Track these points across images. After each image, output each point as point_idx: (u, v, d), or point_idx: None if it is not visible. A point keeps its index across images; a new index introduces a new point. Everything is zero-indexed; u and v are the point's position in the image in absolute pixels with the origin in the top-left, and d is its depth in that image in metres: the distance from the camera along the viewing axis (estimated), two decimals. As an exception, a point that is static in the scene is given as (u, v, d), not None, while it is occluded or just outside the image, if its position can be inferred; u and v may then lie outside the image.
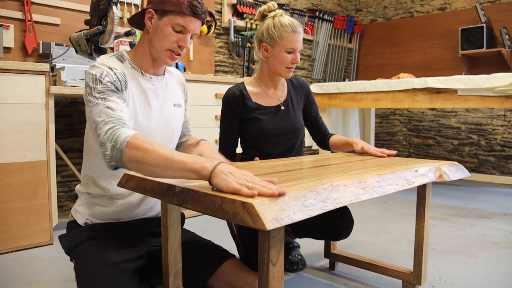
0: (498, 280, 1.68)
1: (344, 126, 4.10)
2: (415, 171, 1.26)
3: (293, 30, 1.61)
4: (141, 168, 1.00)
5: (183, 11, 1.21)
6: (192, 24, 1.25)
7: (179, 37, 1.25)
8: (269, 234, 0.84)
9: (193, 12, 1.23)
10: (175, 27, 1.23)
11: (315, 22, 4.53)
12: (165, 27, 1.23)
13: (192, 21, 1.24)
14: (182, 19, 1.22)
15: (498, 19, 3.96)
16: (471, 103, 2.66)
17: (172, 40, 1.24)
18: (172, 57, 1.28)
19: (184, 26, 1.23)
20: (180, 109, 1.43)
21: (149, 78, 1.32)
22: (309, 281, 1.68)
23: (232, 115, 1.71)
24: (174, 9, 1.21)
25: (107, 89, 1.16)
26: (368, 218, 2.68)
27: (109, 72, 1.20)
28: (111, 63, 1.24)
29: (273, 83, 1.76)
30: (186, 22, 1.23)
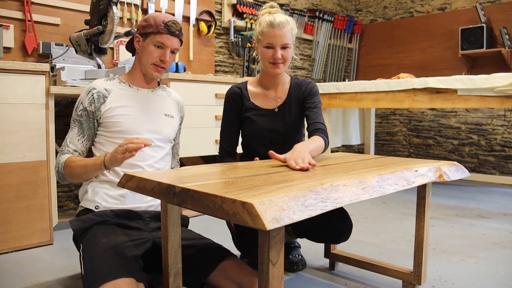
0: (498, 280, 1.69)
1: (344, 126, 4.10)
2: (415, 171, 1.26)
3: (271, 25, 1.57)
4: (75, 178, 1.46)
5: (160, 31, 1.50)
6: (169, 41, 1.52)
7: (160, 52, 1.52)
8: (269, 234, 0.84)
9: (168, 31, 1.51)
10: (156, 44, 1.51)
11: (315, 22, 4.53)
12: (148, 46, 1.52)
13: (168, 38, 1.51)
14: (160, 37, 1.50)
15: (498, 19, 3.96)
16: (471, 103, 2.66)
17: (155, 56, 1.52)
18: (156, 70, 1.55)
19: (162, 42, 1.51)
20: (173, 120, 1.65)
21: (136, 90, 1.59)
22: (309, 281, 1.68)
23: (232, 112, 1.72)
24: (153, 30, 1.50)
25: (76, 119, 1.51)
26: (368, 218, 2.68)
27: (85, 99, 1.50)
28: (96, 84, 1.53)
29: (272, 84, 1.73)
30: (164, 39, 1.50)
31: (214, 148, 2.84)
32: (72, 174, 1.42)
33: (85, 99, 1.49)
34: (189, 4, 3.33)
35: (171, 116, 1.64)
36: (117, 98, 1.52)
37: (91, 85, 1.52)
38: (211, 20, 3.53)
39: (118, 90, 1.55)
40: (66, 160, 1.44)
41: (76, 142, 1.50)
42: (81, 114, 1.49)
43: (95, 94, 1.49)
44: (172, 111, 1.66)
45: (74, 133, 1.50)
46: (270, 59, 1.61)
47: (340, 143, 4.05)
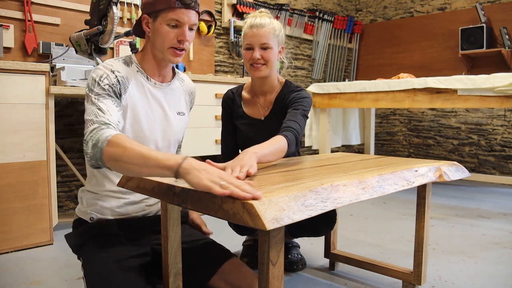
0: (498, 280, 1.69)
1: (344, 126, 4.10)
2: (415, 171, 1.26)
3: (250, 26, 1.54)
4: (119, 166, 1.01)
5: (172, 5, 1.22)
6: (185, 16, 1.24)
7: (177, 32, 1.25)
8: (269, 234, 0.84)
9: (182, 3, 1.23)
10: (170, 23, 1.24)
11: (315, 22, 4.53)
12: (160, 26, 1.25)
13: (184, 12, 1.24)
14: (173, 13, 1.23)
15: (498, 19, 3.95)
16: (471, 103, 2.66)
17: (171, 37, 1.25)
18: (175, 54, 1.29)
19: (177, 19, 1.24)
20: (184, 117, 1.45)
21: (154, 84, 1.34)
22: (309, 281, 1.68)
23: (227, 116, 1.73)
24: (163, 7, 1.23)
25: (103, 92, 1.19)
26: (368, 218, 2.68)
27: (109, 75, 1.22)
28: (115, 65, 1.27)
29: (261, 90, 1.66)
30: (178, 14, 1.23)
31: (214, 148, 2.84)
32: (120, 158, 0.99)
33: (110, 76, 1.22)
34: (189, 4, 3.33)
35: (182, 113, 1.45)
36: (135, 93, 1.29)
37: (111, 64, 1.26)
38: (211, 20, 3.53)
39: (136, 83, 1.30)
40: (116, 135, 1.04)
41: (114, 112, 1.16)
42: (107, 89, 1.20)
43: (119, 77, 1.24)
44: (184, 107, 1.46)
45: (105, 104, 1.16)
46: (250, 61, 1.55)
47: (340, 143, 4.05)
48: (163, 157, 0.95)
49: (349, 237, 2.26)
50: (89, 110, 1.16)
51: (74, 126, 2.78)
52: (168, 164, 0.92)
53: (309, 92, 3.43)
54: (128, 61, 1.33)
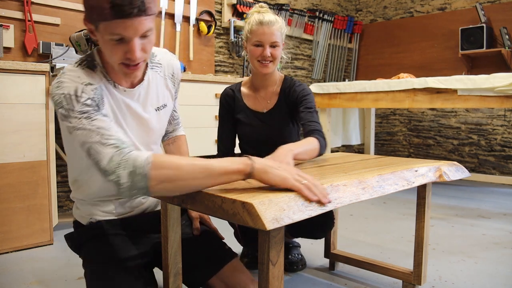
0: (498, 280, 1.68)
1: (344, 126, 4.10)
2: (415, 171, 1.26)
3: (260, 23, 1.56)
4: (174, 187, 0.89)
5: (108, 18, 0.93)
6: (129, 29, 0.94)
7: (123, 48, 0.98)
8: (269, 234, 0.84)
9: (120, 14, 0.92)
10: (113, 38, 0.96)
11: (315, 22, 4.53)
12: (103, 40, 0.99)
13: (126, 24, 0.94)
14: (112, 27, 0.94)
15: (498, 19, 3.95)
16: (471, 103, 2.66)
17: (118, 54, 1.00)
18: (130, 70, 1.04)
19: (119, 34, 0.95)
20: (166, 109, 1.30)
21: (123, 91, 1.14)
22: (309, 281, 1.68)
23: (226, 113, 1.73)
24: (98, 19, 0.94)
25: (89, 108, 0.98)
26: (368, 218, 2.68)
27: (85, 88, 1.01)
28: (82, 76, 1.04)
29: (262, 84, 1.70)
30: (119, 29, 0.94)
31: (214, 148, 2.84)
32: (176, 178, 0.87)
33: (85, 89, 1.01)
34: (189, 4, 3.33)
35: (163, 105, 1.28)
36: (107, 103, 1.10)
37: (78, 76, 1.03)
38: (211, 20, 3.53)
39: (106, 90, 1.10)
40: (154, 155, 0.90)
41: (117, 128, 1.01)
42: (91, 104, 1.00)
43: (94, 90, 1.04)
44: (166, 96, 1.29)
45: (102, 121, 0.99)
46: (258, 57, 1.59)
47: (340, 143, 4.05)
48: (227, 162, 0.89)
49: (349, 237, 2.26)
50: (85, 133, 0.95)
51: (74, 126, 2.77)
52: (237, 167, 0.88)
53: (309, 92, 3.43)
54: (91, 64, 1.09)
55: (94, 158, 0.95)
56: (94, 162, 0.95)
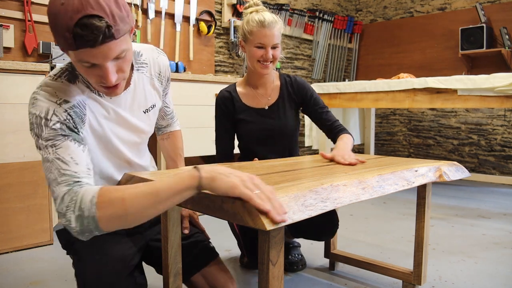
0: (498, 280, 1.68)
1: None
2: (415, 171, 1.26)
3: (262, 25, 1.56)
4: (126, 222, 0.84)
5: (72, 48, 0.88)
6: (97, 55, 0.89)
7: (96, 72, 0.93)
8: (269, 234, 0.83)
9: (83, 44, 0.86)
10: (83, 64, 0.92)
11: (315, 22, 4.53)
12: (76, 63, 0.94)
13: (92, 53, 0.88)
14: (79, 55, 0.89)
15: (498, 19, 3.95)
16: (471, 103, 2.66)
17: (93, 79, 0.95)
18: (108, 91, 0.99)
19: (88, 61, 0.90)
20: (154, 109, 1.27)
21: (109, 99, 1.09)
22: (309, 281, 1.68)
23: (223, 116, 1.71)
24: (64, 46, 0.90)
25: (56, 133, 0.94)
26: (368, 218, 2.68)
27: (57, 109, 0.96)
28: (60, 92, 0.99)
29: (261, 82, 1.71)
30: (85, 57, 0.89)
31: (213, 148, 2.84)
32: (124, 213, 0.83)
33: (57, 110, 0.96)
34: (189, 4, 3.33)
35: (152, 106, 1.25)
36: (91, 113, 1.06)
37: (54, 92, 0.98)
38: (211, 20, 3.53)
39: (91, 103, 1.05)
40: (99, 193, 0.85)
41: (78, 157, 0.94)
42: (59, 128, 0.96)
43: (70, 110, 0.99)
44: (152, 99, 1.25)
45: (65, 149, 0.93)
46: (259, 59, 1.59)
47: (340, 143, 4.05)
48: (174, 181, 0.82)
49: (349, 237, 2.26)
50: (47, 166, 0.92)
51: (74, 126, 2.78)
52: (185, 185, 0.81)
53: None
54: (72, 75, 1.03)
55: (53, 196, 0.91)
56: (53, 198, 0.92)
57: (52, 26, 0.88)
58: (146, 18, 3.06)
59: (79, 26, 0.84)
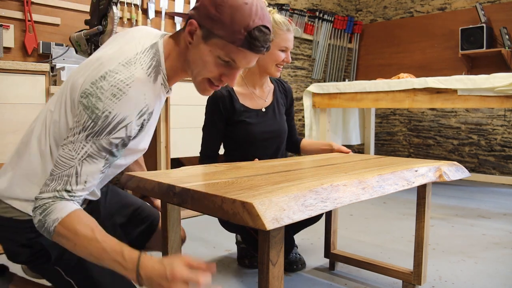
0: (498, 280, 1.69)
1: (344, 126, 4.10)
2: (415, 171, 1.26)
3: (287, 29, 1.59)
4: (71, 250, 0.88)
5: (237, 43, 0.93)
6: (246, 59, 0.97)
7: (223, 70, 0.99)
8: (269, 234, 0.84)
9: (250, 47, 0.94)
10: (225, 59, 0.96)
11: (315, 22, 4.53)
12: (210, 54, 0.96)
13: (246, 55, 0.96)
14: (236, 53, 0.95)
15: (498, 19, 3.95)
16: (471, 103, 2.66)
17: (214, 72, 0.98)
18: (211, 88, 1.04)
19: (235, 60, 0.97)
20: None
21: (167, 92, 1.07)
22: (309, 281, 1.68)
23: (218, 116, 1.64)
24: (222, 34, 0.93)
25: (105, 149, 0.90)
26: (368, 218, 2.68)
27: (132, 123, 0.91)
28: (149, 95, 0.94)
29: (259, 83, 1.71)
30: (239, 57, 0.96)
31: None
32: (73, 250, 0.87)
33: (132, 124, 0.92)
34: (189, 4, 3.33)
35: None
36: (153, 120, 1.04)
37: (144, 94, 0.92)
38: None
39: (157, 101, 1.01)
40: (65, 219, 0.85)
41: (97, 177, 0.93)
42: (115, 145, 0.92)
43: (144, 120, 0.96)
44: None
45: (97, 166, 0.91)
46: (280, 62, 1.62)
47: (340, 143, 4.05)
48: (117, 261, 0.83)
49: (349, 237, 2.27)
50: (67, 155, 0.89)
51: (74, 126, 2.78)
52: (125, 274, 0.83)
53: (309, 92, 3.44)
54: (157, 70, 0.98)
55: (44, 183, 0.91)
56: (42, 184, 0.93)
57: (226, 15, 0.91)
58: (146, 18, 3.06)
59: (258, 31, 0.93)
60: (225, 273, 1.76)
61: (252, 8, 0.93)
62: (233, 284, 1.65)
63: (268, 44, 0.97)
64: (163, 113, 2.56)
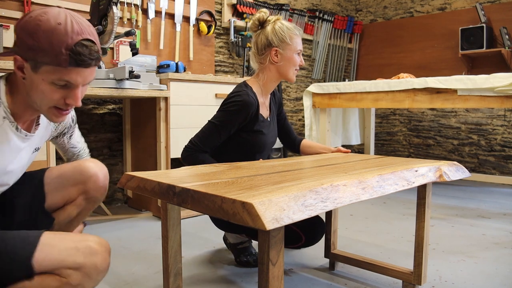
0: (498, 280, 1.69)
1: (344, 126, 4.10)
2: (415, 171, 1.26)
3: (299, 32, 1.67)
4: None
5: (63, 65, 0.94)
6: (80, 76, 0.97)
7: (65, 93, 0.99)
8: (269, 234, 0.84)
9: (79, 63, 0.95)
10: (56, 83, 0.97)
11: (315, 22, 4.53)
12: (42, 82, 0.97)
13: (79, 72, 0.97)
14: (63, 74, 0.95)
15: (498, 19, 3.95)
16: (471, 103, 2.66)
17: (55, 98, 0.99)
18: (60, 114, 1.04)
19: (68, 80, 0.97)
20: (37, 152, 1.28)
21: (24, 136, 1.09)
22: (309, 281, 1.68)
23: (240, 121, 1.61)
24: (49, 62, 0.93)
25: None
26: (368, 218, 2.68)
27: None
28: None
29: (271, 91, 1.76)
30: (71, 75, 0.96)
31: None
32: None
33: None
34: (189, 4, 3.33)
35: (37, 149, 1.25)
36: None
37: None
38: (211, 20, 3.53)
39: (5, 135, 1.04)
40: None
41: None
42: None
43: None
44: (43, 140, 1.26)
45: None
46: (297, 66, 1.67)
47: (340, 143, 4.05)
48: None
49: (349, 237, 2.27)
50: None
51: (74, 126, 2.78)
52: None
53: (309, 92, 3.43)
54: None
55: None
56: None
57: (43, 42, 0.92)
58: (146, 18, 3.06)
59: (79, 46, 0.94)
60: (225, 273, 1.76)
61: (66, 27, 0.94)
62: (233, 284, 1.65)
63: (95, 55, 0.98)
64: (163, 113, 2.56)
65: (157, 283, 1.62)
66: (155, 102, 2.60)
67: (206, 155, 1.61)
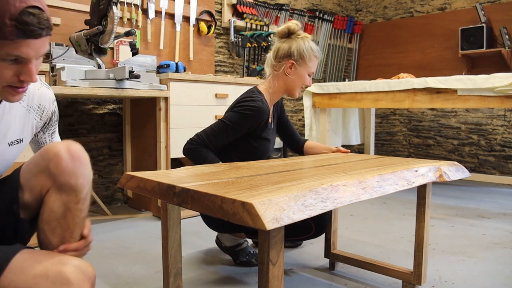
0: (498, 280, 1.69)
1: (344, 126, 4.10)
2: (415, 171, 1.26)
3: (319, 56, 1.73)
4: None
5: (10, 37, 0.81)
6: (32, 49, 0.85)
7: (17, 69, 0.87)
8: (269, 234, 0.84)
9: (28, 34, 0.83)
10: (6, 58, 0.85)
11: (315, 22, 4.53)
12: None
13: (29, 45, 0.84)
14: (12, 47, 0.83)
15: (498, 19, 3.95)
16: (471, 103, 2.66)
17: (7, 76, 0.87)
18: (16, 93, 0.92)
19: (19, 55, 0.85)
20: (20, 144, 1.13)
21: None
22: (309, 281, 1.68)
23: (251, 125, 1.64)
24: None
25: None
26: (368, 218, 2.68)
27: None
28: None
29: (274, 102, 1.82)
30: (21, 49, 0.84)
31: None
32: None
33: None
34: (189, 4, 3.33)
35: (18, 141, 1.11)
36: None
37: None
38: (211, 20, 3.53)
39: None
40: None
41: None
42: None
43: None
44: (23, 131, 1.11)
45: None
46: (304, 85, 1.73)
47: (340, 143, 4.05)
48: None
49: (349, 237, 2.27)
50: None
51: (74, 126, 2.78)
52: None
53: (309, 92, 3.44)
54: None
55: None
56: None
57: None
58: (146, 18, 3.06)
59: (25, 15, 0.81)
60: (225, 273, 1.76)
61: None
62: (233, 284, 1.65)
63: (45, 23, 0.84)
64: (163, 113, 2.56)
65: (157, 283, 1.63)
66: (155, 102, 2.60)
67: (209, 151, 1.61)
